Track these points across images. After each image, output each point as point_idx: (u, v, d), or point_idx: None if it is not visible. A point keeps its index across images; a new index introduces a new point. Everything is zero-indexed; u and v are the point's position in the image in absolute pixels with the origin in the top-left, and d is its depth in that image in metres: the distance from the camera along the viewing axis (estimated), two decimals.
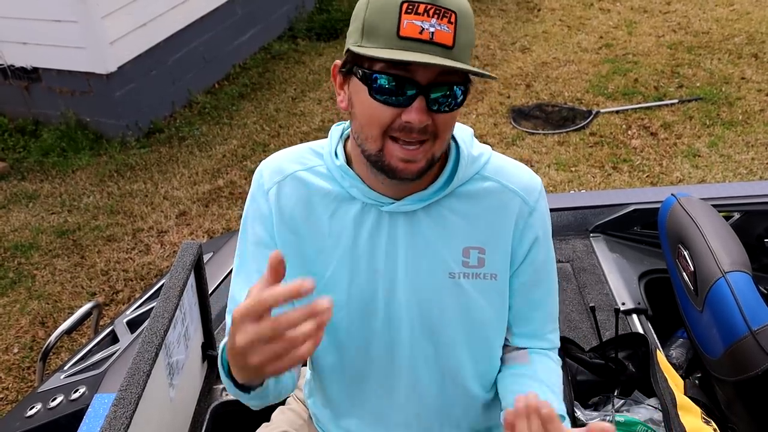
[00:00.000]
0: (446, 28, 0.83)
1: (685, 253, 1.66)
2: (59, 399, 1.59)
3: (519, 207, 1.03)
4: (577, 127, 4.32)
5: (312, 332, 0.70)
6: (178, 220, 3.78)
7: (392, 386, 1.10)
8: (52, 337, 1.87)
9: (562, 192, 3.64)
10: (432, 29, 0.82)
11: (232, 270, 1.13)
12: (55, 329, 1.91)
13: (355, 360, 1.09)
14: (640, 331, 1.80)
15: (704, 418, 1.36)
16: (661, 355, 1.53)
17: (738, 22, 5.58)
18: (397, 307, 1.03)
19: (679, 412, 1.34)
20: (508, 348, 1.14)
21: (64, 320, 1.94)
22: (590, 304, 1.79)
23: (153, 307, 1.27)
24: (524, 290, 1.08)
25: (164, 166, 4.32)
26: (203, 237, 3.61)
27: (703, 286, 1.56)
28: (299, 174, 1.03)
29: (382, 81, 0.85)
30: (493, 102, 4.72)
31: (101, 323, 2.38)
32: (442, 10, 0.83)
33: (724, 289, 1.48)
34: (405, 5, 0.82)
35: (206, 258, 1.97)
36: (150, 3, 4.47)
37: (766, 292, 1.76)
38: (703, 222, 1.67)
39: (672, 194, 1.84)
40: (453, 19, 0.83)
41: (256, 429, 1.31)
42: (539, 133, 4.30)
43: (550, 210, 1.10)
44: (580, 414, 1.41)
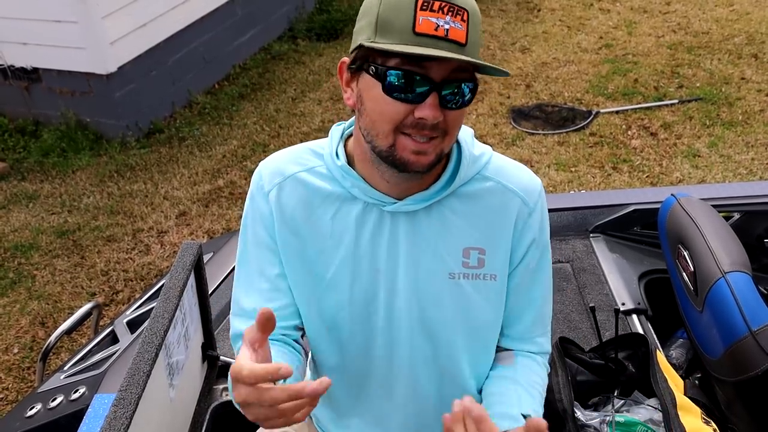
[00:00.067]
0: (459, 26, 0.84)
1: (685, 253, 1.66)
2: (59, 399, 1.59)
3: (519, 208, 1.03)
4: (577, 127, 4.32)
5: (304, 404, 0.73)
6: (178, 221, 3.78)
7: (392, 386, 1.10)
8: (52, 338, 1.87)
9: (562, 192, 3.64)
10: (447, 26, 0.83)
11: (234, 272, 1.13)
12: (55, 329, 1.91)
13: (356, 360, 1.09)
14: (640, 331, 1.80)
15: (704, 419, 1.36)
16: (661, 355, 1.53)
17: (738, 22, 5.58)
18: (397, 307, 1.03)
19: (679, 413, 1.34)
20: (497, 348, 1.14)
21: (64, 320, 1.94)
22: (590, 305, 1.79)
23: (153, 308, 1.27)
24: (517, 291, 1.08)
25: (164, 167, 4.32)
26: (203, 237, 3.61)
27: (703, 286, 1.56)
28: (299, 175, 1.03)
29: (397, 76, 0.85)
30: (493, 102, 4.72)
31: (101, 323, 2.38)
32: (456, 7, 0.83)
33: (724, 289, 1.48)
34: (420, 2, 0.82)
35: (206, 258, 1.97)
36: (150, 3, 4.47)
37: (766, 292, 1.76)
38: (703, 222, 1.67)
39: (672, 194, 1.84)
40: (465, 17, 0.84)
41: (256, 429, 1.31)
42: (539, 134, 4.30)
43: (550, 210, 1.10)
44: (580, 414, 1.41)
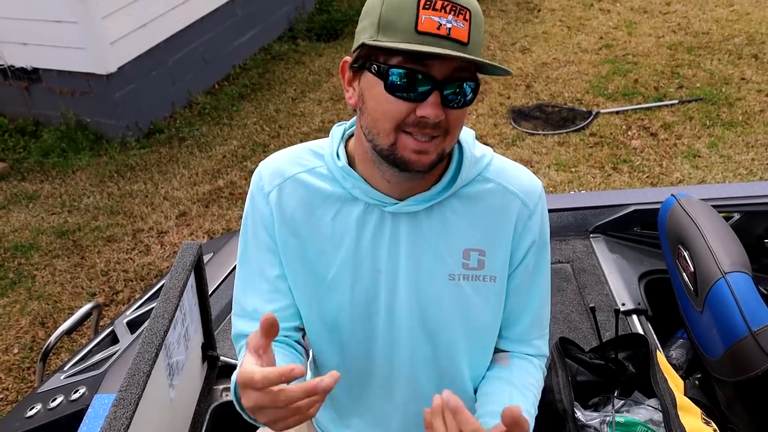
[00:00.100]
0: (462, 25, 0.84)
1: (685, 253, 1.66)
2: (59, 399, 1.59)
3: (519, 210, 1.03)
4: (577, 127, 4.32)
5: (317, 399, 0.74)
6: (178, 221, 3.78)
7: (392, 386, 1.10)
8: (52, 338, 1.87)
9: (562, 192, 3.64)
10: (449, 25, 0.83)
11: (234, 272, 1.13)
12: (55, 330, 1.91)
13: (356, 360, 1.09)
14: (640, 331, 1.80)
15: (704, 419, 1.36)
16: (661, 355, 1.53)
17: (738, 22, 5.58)
18: (398, 308, 1.03)
19: (679, 413, 1.34)
20: (494, 350, 1.13)
21: (64, 321, 1.94)
22: (590, 305, 1.79)
23: (153, 308, 1.27)
24: (516, 293, 1.08)
25: (164, 167, 4.32)
26: (203, 237, 3.61)
27: (703, 286, 1.56)
28: (299, 176, 1.03)
29: (399, 75, 0.85)
30: (493, 102, 4.72)
31: (101, 324, 2.39)
32: (458, 7, 0.84)
33: (724, 289, 1.48)
34: (423, 1, 0.83)
35: (206, 258, 1.97)
36: (150, 3, 4.47)
37: (766, 292, 1.76)
38: (703, 222, 1.67)
39: (672, 195, 1.84)
40: (468, 16, 0.85)
41: (256, 430, 1.31)
42: (539, 134, 4.30)
43: (550, 210, 1.10)
44: (580, 414, 1.41)
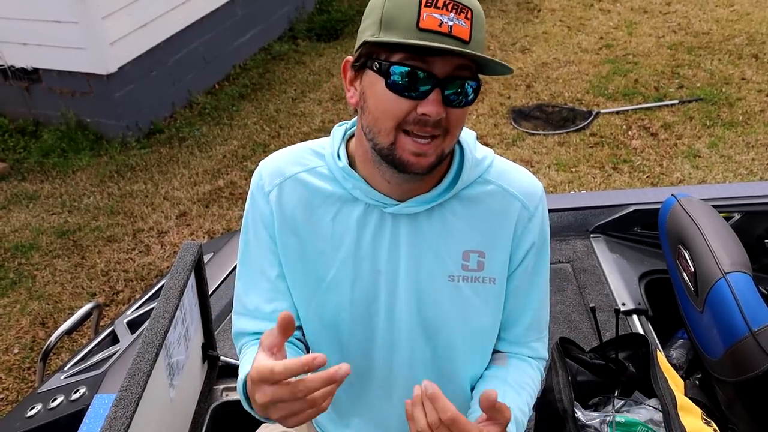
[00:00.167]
0: (463, 23, 0.84)
1: (686, 253, 1.66)
2: (59, 399, 1.59)
3: (519, 212, 1.03)
4: (577, 127, 4.32)
5: (331, 391, 0.75)
6: (179, 221, 3.78)
7: (391, 387, 1.10)
8: (53, 338, 1.87)
9: (563, 192, 3.64)
10: (451, 23, 0.83)
11: (236, 271, 1.13)
12: (56, 330, 1.91)
13: (356, 360, 1.09)
14: (641, 331, 1.80)
15: (704, 419, 1.36)
16: (661, 355, 1.53)
17: (738, 22, 5.58)
18: (398, 309, 1.03)
19: (680, 413, 1.34)
20: (493, 351, 1.13)
21: (65, 321, 1.94)
22: (590, 305, 1.79)
23: (153, 308, 1.27)
24: (515, 294, 1.08)
25: (164, 167, 4.32)
26: (203, 237, 3.61)
27: (703, 286, 1.56)
28: (300, 176, 1.03)
29: (400, 72, 0.86)
30: (494, 102, 4.72)
31: (101, 324, 2.38)
32: (460, 5, 0.84)
33: (725, 289, 1.48)
34: None
35: (206, 258, 1.97)
36: (150, 4, 4.48)
37: (766, 292, 1.76)
38: (704, 222, 1.67)
39: (672, 195, 1.84)
40: (469, 15, 0.85)
41: (256, 429, 1.31)
42: (539, 134, 4.30)
43: (550, 210, 1.10)
44: (581, 414, 1.41)
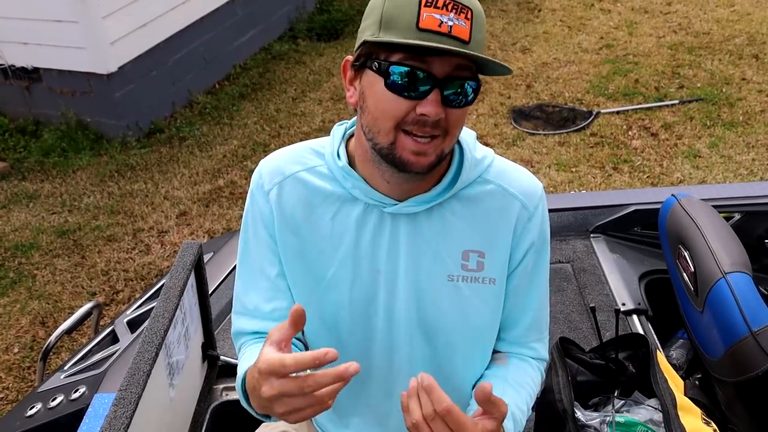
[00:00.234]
0: (463, 23, 0.84)
1: (686, 253, 1.66)
2: (59, 399, 1.59)
3: (519, 212, 1.03)
4: (577, 127, 4.32)
5: (338, 389, 0.75)
6: (179, 220, 3.78)
7: (391, 386, 1.10)
8: (53, 337, 1.87)
9: (563, 192, 3.64)
10: (450, 23, 0.83)
11: (235, 272, 1.13)
12: (56, 329, 1.91)
13: (355, 360, 1.08)
14: (641, 331, 1.80)
15: (704, 419, 1.36)
16: (661, 355, 1.53)
17: (739, 22, 5.58)
18: (397, 308, 1.03)
19: (680, 413, 1.34)
20: (493, 351, 1.13)
21: (65, 320, 1.94)
22: (590, 305, 1.79)
23: (153, 307, 1.27)
24: (515, 294, 1.07)
25: (165, 166, 4.32)
26: (204, 237, 3.61)
27: (703, 286, 1.55)
28: (300, 175, 1.03)
29: (399, 72, 0.85)
30: (494, 102, 4.72)
31: (101, 323, 2.38)
32: (460, 5, 0.84)
33: (725, 289, 1.48)
34: None
35: (206, 258, 1.97)
36: (150, 3, 4.48)
37: (766, 292, 1.76)
38: (704, 222, 1.67)
39: (672, 195, 1.84)
40: (469, 15, 0.85)
41: (256, 429, 1.31)
42: (540, 134, 4.30)
43: (550, 210, 1.10)
44: (580, 414, 1.41)
